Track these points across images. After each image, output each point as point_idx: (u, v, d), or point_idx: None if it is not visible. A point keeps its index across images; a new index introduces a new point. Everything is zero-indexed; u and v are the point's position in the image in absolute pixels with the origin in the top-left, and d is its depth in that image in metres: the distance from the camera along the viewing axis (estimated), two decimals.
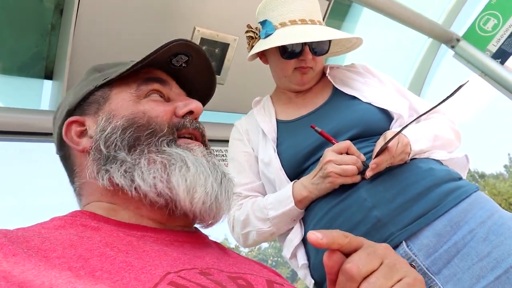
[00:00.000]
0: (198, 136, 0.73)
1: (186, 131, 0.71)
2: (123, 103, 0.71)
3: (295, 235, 1.13)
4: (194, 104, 0.72)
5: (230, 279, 0.57)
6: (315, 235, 0.45)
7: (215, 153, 0.74)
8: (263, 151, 1.20)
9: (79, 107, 0.74)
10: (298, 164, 1.13)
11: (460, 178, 1.06)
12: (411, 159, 1.05)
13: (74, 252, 0.50)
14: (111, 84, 0.74)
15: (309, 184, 1.06)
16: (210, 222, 0.68)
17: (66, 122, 0.72)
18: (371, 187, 1.01)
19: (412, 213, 0.96)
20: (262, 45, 1.15)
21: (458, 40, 2.52)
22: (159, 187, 0.63)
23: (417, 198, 0.97)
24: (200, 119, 0.92)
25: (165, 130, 0.68)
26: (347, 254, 0.46)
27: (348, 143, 1.03)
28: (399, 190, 0.99)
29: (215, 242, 0.74)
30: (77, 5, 1.39)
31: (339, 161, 1.00)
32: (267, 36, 1.16)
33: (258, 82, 1.63)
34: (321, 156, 1.06)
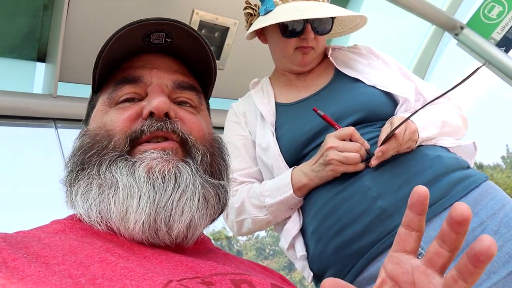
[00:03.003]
0: (168, 135, 0.64)
1: (146, 137, 0.63)
2: (96, 115, 0.68)
3: (293, 224, 1.09)
4: (154, 104, 0.63)
5: (233, 284, 0.54)
6: None
7: (199, 150, 0.65)
8: (261, 136, 1.15)
9: (88, 118, 0.72)
10: (298, 149, 1.08)
11: (469, 167, 1.02)
12: (418, 146, 1.01)
13: (74, 259, 0.49)
14: (98, 89, 0.71)
15: (309, 171, 1.01)
16: (174, 242, 0.60)
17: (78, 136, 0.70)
18: (375, 175, 0.97)
19: None
20: (261, 22, 1.10)
21: (462, 27, 2.47)
22: (93, 216, 0.58)
23: None
24: None
25: (111, 144, 0.62)
26: None
27: (351, 129, 0.98)
28: (405, 179, 0.95)
29: (217, 248, 0.72)
30: None
31: (341, 147, 0.95)
32: (267, 12, 1.11)
33: (259, 67, 1.58)
34: (322, 142, 1.02)
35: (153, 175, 0.58)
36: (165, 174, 0.59)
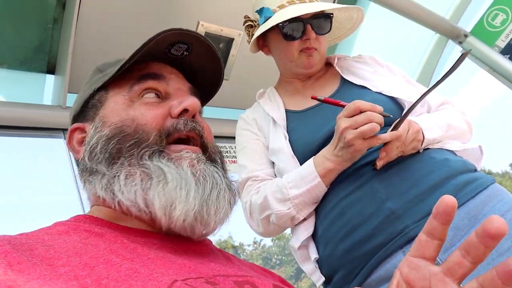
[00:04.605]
0: (196, 138, 0.67)
1: (180, 135, 0.66)
2: (115, 108, 0.68)
3: (309, 226, 1.08)
4: (189, 101, 0.66)
5: (236, 285, 0.55)
6: None
7: (217, 155, 0.70)
8: (273, 139, 1.15)
9: (82, 112, 0.72)
10: (312, 153, 1.08)
11: (476, 170, 1.03)
12: (425, 150, 1.02)
13: (79, 260, 0.49)
14: (108, 85, 0.71)
15: (333, 156, 0.99)
16: (198, 236, 0.63)
17: (69, 131, 0.70)
18: (384, 178, 0.98)
19: (427, 205, 0.93)
20: (262, 28, 1.13)
21: (466, 35, 2.48)
22: (138, 202, 0.60)
23: (432, 190, 0.94)
24: (204, 116, 0.86)
25: (151, 139, 0.63)
26: None
27: (357, 103, 0.93)
28: (413, 181, 0.96)
29: (219, 249, 0.72)
30: None
31: (355, 125, 0.92)
32: (266, 20, 1.13)
33: (264, 77, 1.61)
34: None
35: (196, 172, 0.62)
36: (205, 174, 0.62)
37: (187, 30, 0.70)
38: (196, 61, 0.76)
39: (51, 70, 1.60)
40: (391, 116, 0.94)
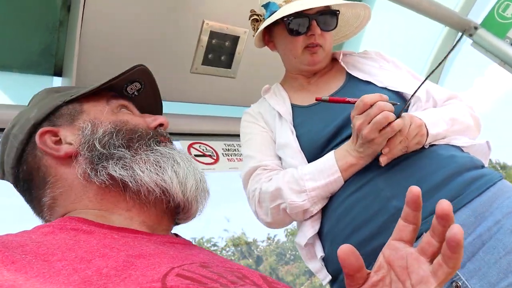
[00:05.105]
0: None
1: (164, 139, 0.78)
2: (103, 114, 0.76)
3: (316, 223, 1.07)
4: (163, 118, 0.81)
5: (227, 272, 0.57)
6: None
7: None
8: (280, 133, 1.15)
9: (47, 120, 0.76)
10: (319, 149, 1.08)
11: (483, 166, 1.01)
12: (431, 146, 1.01)
13: (75, 255, 0.49)
14: (78, 100, 0.78)
15: (354, 151, 0.99)
16: (193, 212, 0.74)
17: (39, 132, 0.73)
18: (388, 176, 0.97)
19: (434, 203, 0.91)
20: (267, 21, 1.12)
21: (476, 28, 2.44)
22: (154, 179, 0.69)
23: (439, 187, 0.93)
24: (209, 114, 0.95)
25: (151, 134, 0.76)
26: None
27: (364, 98, 0.93)
28: (419, 178, 0.95)
29: (200, 247, 0.76)
30: (83, 0, 1.38)
31: (368, 119, 0.92)
32: (272, 14, 1.13)
33: (270, 75, 1.60)
34: (342, 140, 1.04)
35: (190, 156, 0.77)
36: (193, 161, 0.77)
37: (148, 70, 0.85)
38: (140, 103, 0.87)
39: (58, 73, 1.61)
40: (398, 104, 0.94)
